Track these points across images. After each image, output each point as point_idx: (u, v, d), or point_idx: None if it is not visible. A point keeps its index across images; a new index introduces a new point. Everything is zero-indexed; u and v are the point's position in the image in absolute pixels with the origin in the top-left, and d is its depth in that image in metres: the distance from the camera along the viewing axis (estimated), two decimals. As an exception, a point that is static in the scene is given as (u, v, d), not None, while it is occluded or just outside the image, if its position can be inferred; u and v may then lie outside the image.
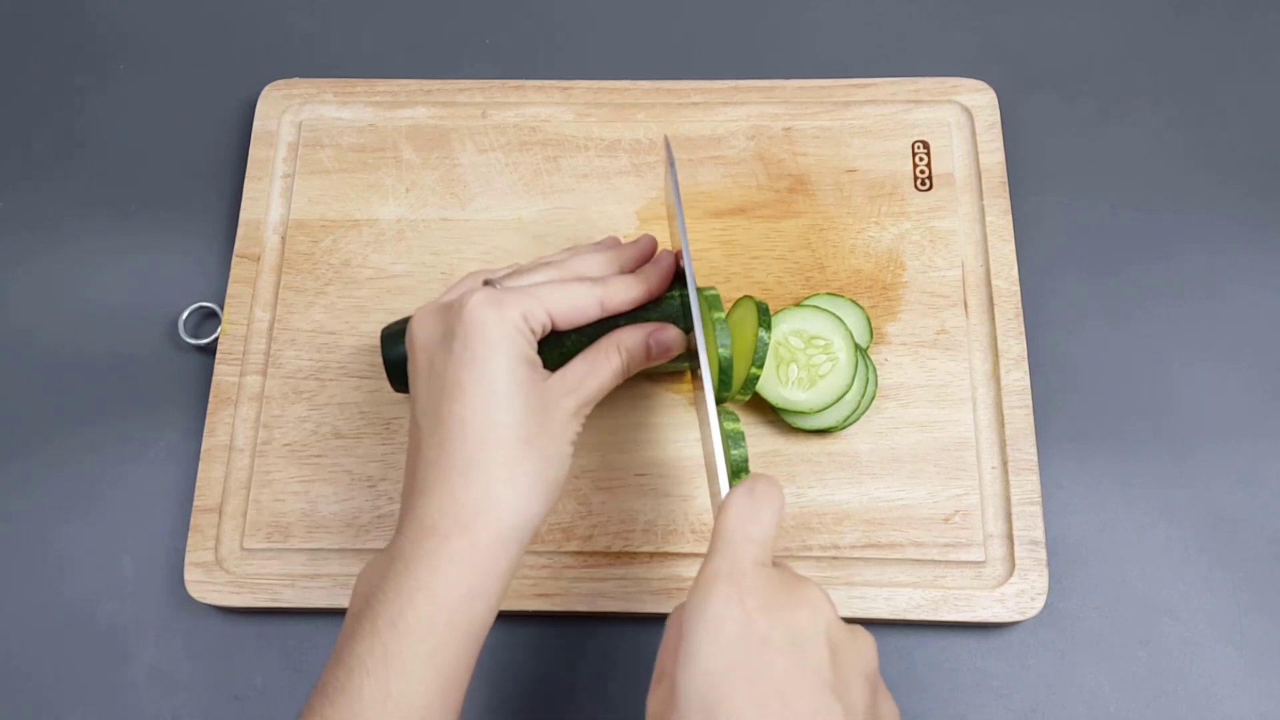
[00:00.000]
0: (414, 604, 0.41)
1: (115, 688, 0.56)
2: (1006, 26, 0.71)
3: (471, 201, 0.64)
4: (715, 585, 0.38)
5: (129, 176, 0.68)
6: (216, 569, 0.56)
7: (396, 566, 0.43)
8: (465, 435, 0.44)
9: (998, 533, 0.56)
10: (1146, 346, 0.62)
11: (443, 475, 0.44)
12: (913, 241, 0.62)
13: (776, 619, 0.37)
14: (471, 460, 0.43)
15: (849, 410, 0.57)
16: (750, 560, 0.39)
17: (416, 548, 0.43)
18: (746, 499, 0.41)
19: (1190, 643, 0.56)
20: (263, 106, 0.67)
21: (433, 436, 0.45)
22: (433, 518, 0.43)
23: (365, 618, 0.42)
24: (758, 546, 0.40)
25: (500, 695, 0.55)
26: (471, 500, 0.43)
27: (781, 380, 0.56)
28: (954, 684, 0.55)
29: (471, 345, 0.44)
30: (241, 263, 0.63)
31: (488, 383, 0.44)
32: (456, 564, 0.42)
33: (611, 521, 0.57)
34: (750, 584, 0.38)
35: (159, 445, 0.61)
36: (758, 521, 0.40)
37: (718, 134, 0.65)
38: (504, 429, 0.44)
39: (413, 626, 0.41)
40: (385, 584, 0.42)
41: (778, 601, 0.38)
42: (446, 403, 0.44)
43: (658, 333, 0.50)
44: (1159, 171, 0.66)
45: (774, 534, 0.41)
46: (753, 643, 0.37)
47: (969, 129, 0.65)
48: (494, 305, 0.45)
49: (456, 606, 0.42)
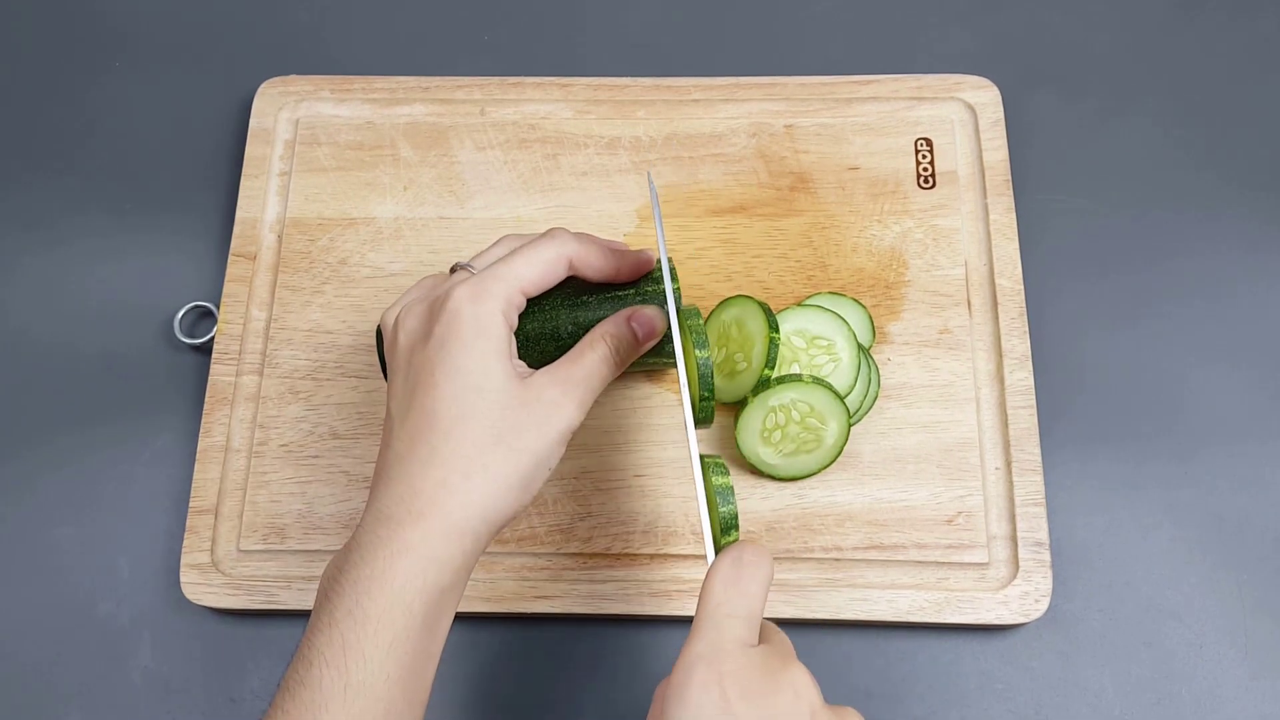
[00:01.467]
0: (370, 594, 0.41)
1: (111, 690, 0.56)
2: (1010, 23, 0.71)
3: (470, 200, 0.64)
4: (695, 670, 0.37)
5: (124, 174, 0.68)
6: (212, 570, 0.56)
7: (353, 557, 0.42)
8: (432, 427, 0.44)
9: (1001, 534, 0.55)
10: (1151, 347, 0.61)
11: (405, 466, 0.44)
12: (915, 240, 0.62)
13: (756, 706, 0.37)
14: (433, 450, 0.43)
15: (851, 410, 0.56)
16: (733, 641, 0.38)
17: (372, 536, 0.43)
18: (732, 569, 0.40)
19: (1194, 645, 0.56)
20: (259, 104, 0.66)
21: (402, 428, 0.45)
22: (390, 507, 0.43)
23: (324, 610, 0.42)
24: (742, 624, 0.39)
25: (500, 696, 0.55)
26: (427, 490, 0.43)
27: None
28: (957, 686, 0.55)
29: (448, 341, 0.44)
30: (238, 261, 0.62)
31: (459, 376, 0.44)
32: (411, 553, 0.42)
33: (611, 523, 0.56)
34: (730, 669, 0.37)
35: (154, 446, 0.60)
36: (744, 595, 0.39)
37: (719, 131, 0.65)
38: (471, 422, 0.44)
39: (370, 616, 0.41)
40: (342, 575, 0.42)
41: (759, 688, 0.37)
42: (419, 395, 0.44)
43: (636, 315, 0.50)
44: (1164, 170, 0.66)
45: (761, 607, 0.40)
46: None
47: (972, 126, 0.64)
48: (473, 300, 0.45)
49: (414, 597, 0.42)
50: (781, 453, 0.55)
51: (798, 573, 0.55)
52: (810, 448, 0.55)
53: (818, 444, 0.55)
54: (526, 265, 0.47)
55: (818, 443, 0.55)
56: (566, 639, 0.56)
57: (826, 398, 0.54)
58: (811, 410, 0.55)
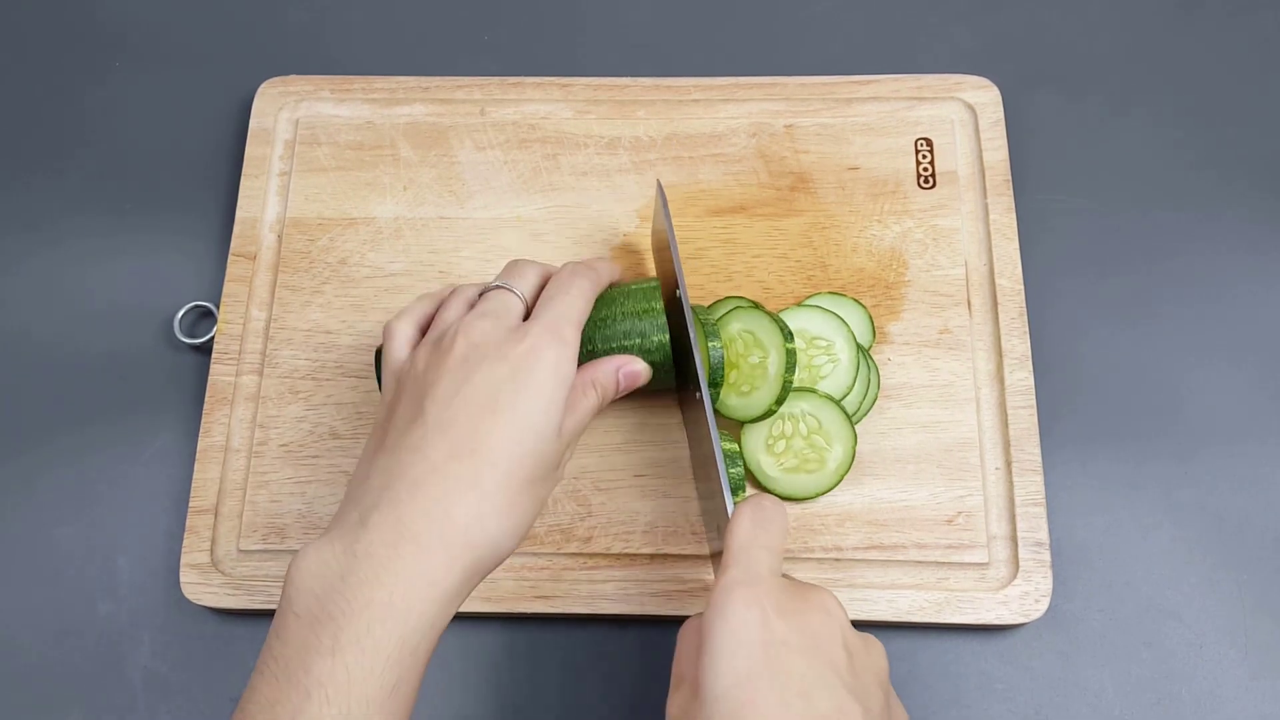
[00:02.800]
0: (384, 623, 0.38)
1: (110, 690, 0.56)
2: (1010, 23, 0.71)
3: (470, 200, 0.64)
4: (734, 592, 0.39)
5: (124, 175, 0.67)
6: (212, 570, 0.56)
7: (361, 572, 0.39)
8: (479, 452, 0.42)
9: (1001, 534, 0.55)
10: (1152, 346, 0.61)
11: (439, 480, 0.41)
12: (915, 240, 0.62)
13: (794, 623, 0.39)
14: (478, 477, 0.42)
15: (850, 411, 0.56)
16: (765, 569, 0.41)
17: (392, 552, 0.39)
18: (756, 512, 0.43)
19: (1194, 645, 0.55)
20: (259, 104, 0.66)
21: (442, 439, 0.42)
22: (417, 522, 0.40)
23: (323, 629, 0.38)
24: (770, 554, 0.41)
25: (500, 697, 0.55)
26: (463, 520, 0.41)
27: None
28: (957, 686, 0.55)
29: (527, 374, 0.44)
30: (238, 261, 0.62)
31: (528, 414, 0.43)
32: (433, 585, 0.40)
33: (611, 523, 0.56)
34: (767, 590, 0.40)
35: (154, 445, 0.60)
36: (768, 531, 0.42)
37: (719, 131, 0.65)
38: (523, 462, 0.43)
39: (380, 650, 0.38)
40: (347, 590, 0.38)
41: (795, 606, 0.40)
42: (473, 415, 0.43)
43: (625, 366, 0.51)
44: (1164, 169, 0.66)
45: (783, 546, 0.43)
46: (774, 645, 0.38)
47: (972, 126, 0.64)
48: (558, 346, 0.45)
49: (423, 637, 0.39)
50: (782, 466, 0.55)
51: (798, 573, 0.55)
52: (812, 467, 0.55)
53: (820, 465, 0.55)
54: (581, 304, 0.48)
55: (820, 464, 0.55)
56: (566, 639, 0.56)
57: (837, 418, 0.54)
58: (819, 426, 0.55)
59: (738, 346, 0.55)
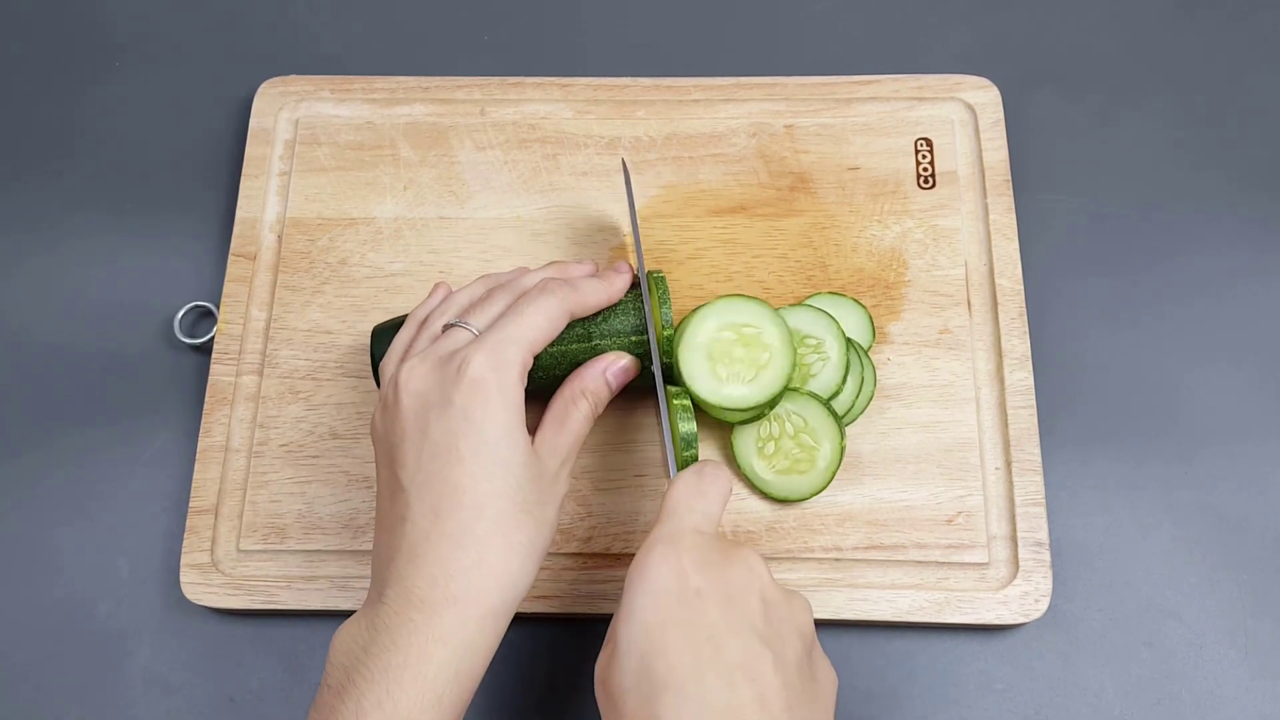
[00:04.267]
0: (401, 684, 0.40)
1: (110, 690, 0.56)
2: (1010, 23, 0.71)
3: (470, 200, 0.64)
4: (655, 548, 0.41)
5: (124, 175, 0.67)
6: (212, 571, 0.56)
7: (381, 641, 0.41)
8: (460, 503, 0.42)
9: (1001, 534, 0.55)
10: (1152, 346, 0.61)
11: (434, 544, 0.42)
12: (915, 240, 0.62)
13: (711, 575, 0.40)
14: (466, 529, 0.42)
15: (844, 410, 0.56)
16: (690, 527, 0.42)
17: (403, 620, 0.41)
18: (694, 478, 0.44)
19: (1195, 645, 0.55)
20: (259, 104, 0.66)
21: (421, 502, 0.43)
22: (421, 589, 0.42)
23: (349, 696, 0.40)
24: (700, 516, 0.42)
25: (499, 698, 0.55)
26: (462, 571, 0.42)
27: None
28: (957, 686, 0.55)
29: (472, 411, 0.43)
30: (237, 261, 0.62)
31: (488, 451, 0.43)
32: (446, 643, 0.41)
33: (611, 523, 0.56)
34: (688, 545, 0.41)
35: (154, 446, 0.60)
36: (703, 496, 0.43)
37: (719, 131, 0.65)
38: (502, 499, 0.43)
39: (400, 709, 0.39)
40: (369, 660, 0.40)
41: (713, 560, 0.40)
42: (443, 469, 0.43)
43: (611, 366, 0.50)
44: (1164, 169, 0.66)
45: (719, 512, 0.43)
46: (687, 595, 0.39)
47: (972, 126, 0.64)
48: (495, 369, 0.44)
49: (445, 689, 0.41)
50: (775, 468, 0.55)
51: (798, 573, 0.55)
52: (803, 468, 0.55)
53: (810, 465, 0.55)
54: (535, 326, 0.47)
55: (810, 463, 0.55)
56: (566, 639, 0.56)
57: (822, 416, 0.54)
58: (805, 425, 0.55)
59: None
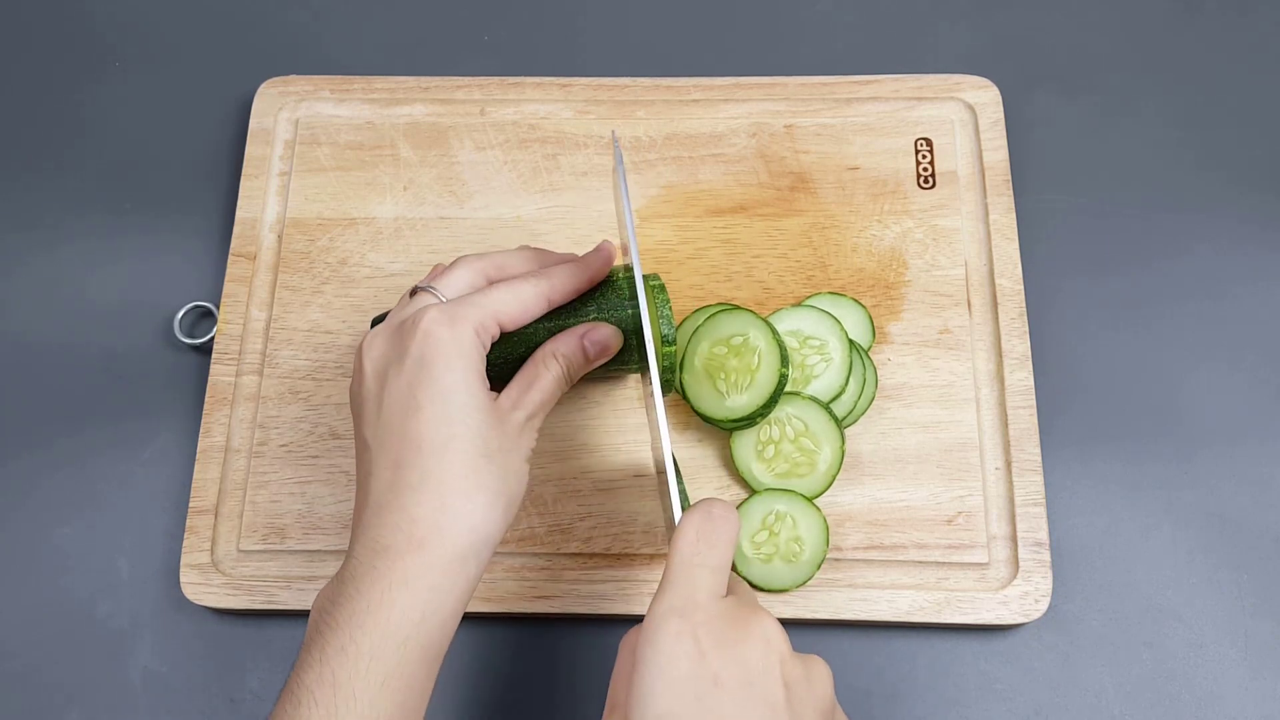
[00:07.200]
0: (364, 629, 0.40)
1: (110, 690, 0.56)
2: (1010, 23, 0.71)
3: (470, 200, 0.64)
4: (668, 621, 0.37)
5: (124, 175, 0.67)
6: (212, 571, 0.56)
7: (347, 590, 0.41)
8: (421, 449, 0.42)
9: (1001, 534, 0.55)
10: (1152, 346, 0.61)
11: (397, 493, 0.42)
12: (915, 240, 0.62)
13: (730, 656, 0.37)
14: (426, 474, 0.42)
15: (845, 411, 0.56)
16: (705, 593, 0.38)
17: (367, 568, 0.41)
18: (704, 522, 0.40)
19: (1195, 645, 0.55)
20: (259, 104, 0.66)
21: (384, 455, 0.43)
22: (386, 537, 0.42)
23: (315, 644, 0.41)
24: (712, 575, 0.39)
25: (500, 696, 0.55)
26: (425, 516, 0.42)
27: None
28: (957, 686, 0.55)
29: (427, 363, 0.43)
30: (237, 262, 0.62)
31: (443, 398, 0.43)
32: (409, 586, 0.41)
33: (611, 523, 0.56)
34: (703, 619, 0.37)
35: (154, 446, 0.60)
36: (713, 547, 0.40)
37: (719, 131, 0.65)
38: (461, 442, 0.43)
39: (363, 652, 0.40)
40: (335, 609, 0.41)
41: (733, 637, 0.37)
42: (401, 420, 0.43)
43: (591, 333, 0.50)
44: (1164, 169, 0.66)
45: (729, 560, 0.40)
46: (704, 683, 0.36)
47: (972, 126, 0.64)
48: (448, 323, 0.44)
49: (411, 631, 0.41)
50: (774, 472, 0.55)
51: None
52: (803, 471, 0.55)
53: (811, 468, 0.55)
54: (506, 301, 0.46)
55: (811, 467, 0.55)
56: (566, 639, 0.56)
57: (823, 419, 0.54)
58: (806, 429, 0.55)
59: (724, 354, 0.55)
